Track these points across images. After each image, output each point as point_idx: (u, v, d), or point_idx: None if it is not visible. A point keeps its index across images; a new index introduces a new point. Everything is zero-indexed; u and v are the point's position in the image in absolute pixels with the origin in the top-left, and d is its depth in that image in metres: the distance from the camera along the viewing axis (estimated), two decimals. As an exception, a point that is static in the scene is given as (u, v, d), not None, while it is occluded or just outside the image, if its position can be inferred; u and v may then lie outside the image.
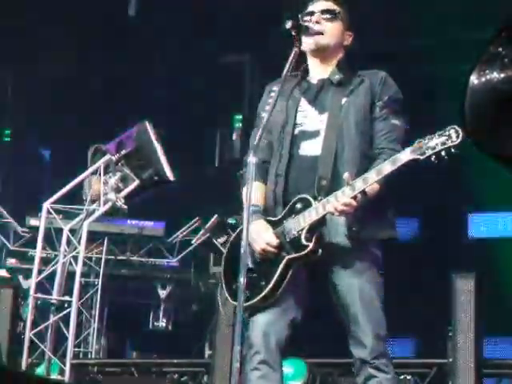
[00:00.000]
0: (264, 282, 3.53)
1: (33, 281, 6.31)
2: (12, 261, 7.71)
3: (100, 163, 6.35)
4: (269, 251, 3.55)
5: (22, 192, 8.70)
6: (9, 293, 6.42)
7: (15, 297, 6.50)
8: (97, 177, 6.40)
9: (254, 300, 3.53)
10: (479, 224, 8.75)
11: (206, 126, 9.17)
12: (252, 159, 3.29)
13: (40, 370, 6.29)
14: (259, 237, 3.56)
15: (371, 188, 3.46)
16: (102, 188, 6.21)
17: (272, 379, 3.53)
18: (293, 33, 3.53)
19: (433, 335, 6.68)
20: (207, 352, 7.08)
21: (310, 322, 3.67)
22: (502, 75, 2.82)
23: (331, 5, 3.73)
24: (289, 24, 3.51)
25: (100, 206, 6.25)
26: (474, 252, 8.08)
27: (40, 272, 6.37)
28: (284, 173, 3.64)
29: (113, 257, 7.81)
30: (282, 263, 3.52)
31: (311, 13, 3.71)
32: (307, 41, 3.66)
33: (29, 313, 6.28)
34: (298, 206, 3.55)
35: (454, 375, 5.58)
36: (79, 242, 6.20)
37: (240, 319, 3.17)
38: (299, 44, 3.55)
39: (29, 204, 7.93)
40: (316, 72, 3.77)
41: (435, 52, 7.70)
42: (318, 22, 3.66)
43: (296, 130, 3.68)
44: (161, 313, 7.93)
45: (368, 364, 3.48)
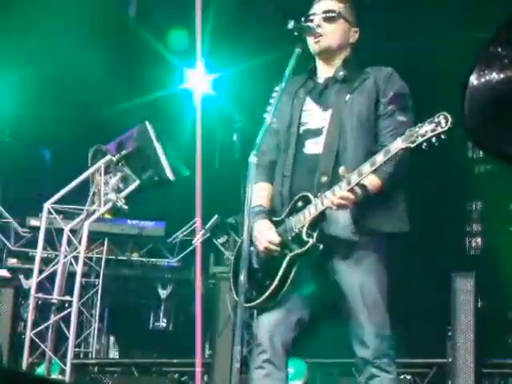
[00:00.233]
0: (269, 282, 3.55)
1: (33, 281, 6.31)
2: (13, 261, 7.70)
3: (100, 163, 6.35)
4: (271, 249, 3.56)
5: (23, 192, 8.70)
6: (9, 293, 6.44)
7: (16, 297, 6.52)
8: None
9: (259, 300, 3.55)
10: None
11: (206, 126, 9.16)
12: (253, 159, 3.30)
13: (40, 370, 6.28)
14: (261, 236, 3.58)
15: (372, 184, 3.45)
16: (103, 188, 6.22)
17: (276, 378, 3.54)
18: (295, 33, 3.53)
19: (433, 335, 6.67)
20: (207, 352, 7.09)
21: (310, 322, 3.68)
22: (502, 75, 2.82)
23: (333, 4, 3.71)
24: (291, 24, 3.51)
25: (100, 206, 6.25)
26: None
27: (41, 272, 6.36)
28: (290, 173, 3.64)
29: (113, 257, 7.81)
30: (285, 261, 3.53)
31: (313, 14, 3.70)
32: (310, 41, 3.67)
33: (29, 313, 6.28)
34: (299, 204, 3.56)
35: (454, 375, 5.60)
36: (80, 242, 6.20)
37: (240, 319, 3.18)
38: (302, 44, 3.56)
39: (29, 204, 7.94)
40: (322, 71, 3.77)
41: (435, 52, 7.69)
42: (319, 25, 3.66)
43: (301, 130, 3.68)
44: (161, 313, 7.93)
45: (370, 364, 3.49)
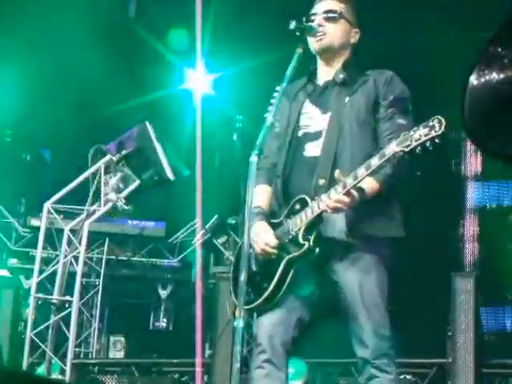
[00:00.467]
0: (266, 284, 3.55)
1: (34, 281, 6.31)
2: (13, 261, 7.72)
3: (100, 163, 6.35)
4: (268, 252, 3.56)
5: (23, 192, 8.71)
6: (10, 293, 6.45)
7: (16, 296, 6.52)
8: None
9: (257, 302, 3.56)
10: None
11: (206, 126, 9.16)
12: (254, 159, 3.31)
13: (41, 370, 6.29)
14: (259, 238, 3.58)
15: (369, 187, 3.46)
16: (103, 188, 6.22)
17: (276, 378, 3.54)
18: (296, 33, 3.53)
19: (433, 335, 6.68)
20: (207, 352, 7.09)
21: (310, 322, 3.68)
22: (502, 75, 2.83)
23: (334, 4, 3.71)
24: (292, 24, 3.51)
25: (101, 207, 6.25)
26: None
27: (41, 272, 6.37)
28: (281, 174, 3.65)
29: (113, 257, 7.82)
30: (282, 263, 3.53)
31: (314, 14, 3.70)
32: (311, 41, 3.67)
33: (30, 312, 6.28)
34: (297, 207, 3.56)
35: (454, 375, 5.60)
36: (80, 242, 6.21)
37: (240, 319, 3.18)
38: (303, 44, 3.56)
39: (30, 204, 7.95)
40: (323, 73, 3.76)
41: (435, 52, 7.69)
42: (321, 24, 3.65)
43: (300, 132, 3.68)
44: (161, 313, 7.94)
45: (370, 364, 3.49)
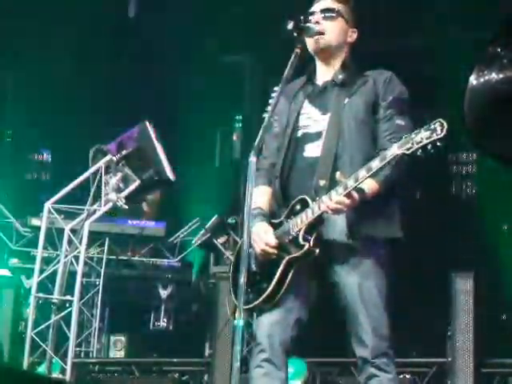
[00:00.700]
0: (266, 284, 3.55)
1: (34, 280, 6.32)
2: (14, 260, 7.72)
3: (101, 163, 6.35)
4: (268, 252, 3.57)
5: (24, 192, 8.72)
6: (10, 292, 6.46)
7: (17, 296, 6.53)
8: None
9: (257, 302, 3.56)
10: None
11: (206, 126, 9.18)
12: (253, 159, 3.31)
13: (41, 369, 6.30)
14: (259, 238, 3.58)
15: (370, 188, 3.46)
16: (103, 188, 6.23)
17: (275, 377, 3.55)
18: (294, 33, 3.53)
19: (432, 335, 6.69)
20: (207, 351, 7.10)
21: (310, 321, 3.69)
22: (501, 75, 2.84)
23: (332, 3, 3.71)
24: (290, 24, 3.51)
25: (101, 206, 6.26)
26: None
27: (41, 271, 6.37)
28: (280, 174, 3.66)
29: (114, 257, 7.82)
30: (282, 264, 3.53)
31: (312, 13, 3.70)
32: (309, 41, 3.67)
33: (30, 312, 6.29)
34: (297, 207, 3.56)
35: (454, 374, 5.61)
36: (80, 242, 6.21)
37: (240, 319, 3.19)
38: (301, 45, 3.56)
39: (30, 204, 7.96)
40: (321, 73, 3.76)
41: (435, 52, 7.70)
42: (318, 22, 3.65)
43: (299, 133, 3.68)
44: (161, 313, 7.94)
45: (369, 363, 3.49)
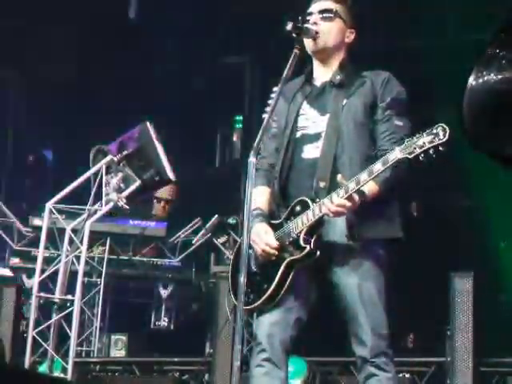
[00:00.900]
0: (266, 285, 3.57)
1: (36, 280, 6.32)
2: (15, 260, 7.73)
3: (102, 164, 6.36)
4: (268, 253, 3.58)
5: (25, 192, 8.74)
6: (12, 292, 6.46)
7: (18, 296, 6.53)
8: None
9: (257, 303, 3.57)
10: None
11: (206, 126, 9.20)
12: (252, 160, 3.32)
13: (42, 369, 6.30)
14: (259, 239, 3.60)
15: (370, 190, 3.47)
16: (104, 188, 6.23)
17: (275, 376, 3.56)
18: (293, 34, 3.54)
19: (432, 334, 6.70)
20: (208, 351, 7.11)
21: (310, 321, 3.71)
22: (500, 76, 2.86)
23: (329, 4, 3.72)
24: (289, 26, 3.52)
25: (102, 206, 6.27)
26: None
27: (43, 271, 6.37)
28: (279, 175, 3.67)
29: (115, 256, 7.84)
30: (283, 265, 3.55)
31: (310, 14, 3.72)
32: (307, 42, 3.68)
33: (31, 312, 6.29)
34: (298, 209, 3.58)
35: (453, 374, 5.61)
36: (81, 242, 6.22)
37: (240, 319, 3.21)
38: (300, 45, 3.57)
39: (32, 204, 7.97)
40: (319, 74, 3.77)
41: (435, 52, 7.71)
42: (316, 23, 3.67)
43: (298, 134, 3.70)
44: (162, 312, 7.95)
45: (369, 362, 3.51)
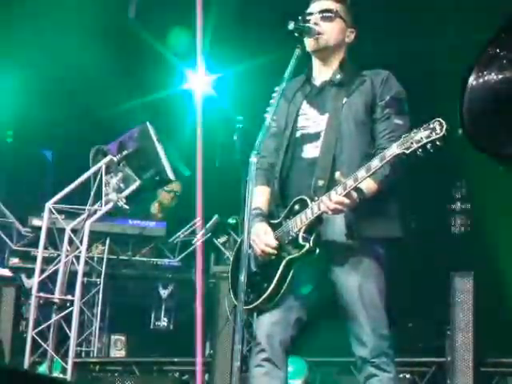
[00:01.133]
0: (266, 284, 3.58)
1: (35, 280, 6.32)
2: (15, 260, 7.72)
3: (101, 164, 6.36)
4: (268, 252, 3.58)
5: (25, 192, 8.73)
6: (11, 292, 6.46)
7: (18, 296, 6.53)
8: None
9: (257, 302, 3.58)
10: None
11: (206, 126, 9.17)
12: (253, 159, 3.33)
13: (42, 369, 6.30)
14: (259, 239, 3.60)
15: (368, 187, 3.48)
16: (104, 188, 6.23)
17: (275, 376, 3.57)
18: (295, 34, 3.55)
19: (432, 334, 6.69)
20: (208, 351, 7.11)
21: (311, 321, 3.70)
22: (500, 76, 2.85)
23: (330, 4, 3.73)
24: (291, 25, 3.53)
25: (102, 206, 6.27)
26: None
27: (42, 271, 6.37)
28: (279, 175, 3.67)
29: (115, 257, 7.83)
30: (282, 264, 3.56)
31: (310, 14, 3.73)
32: (308, 41, 3.69)
33: (31, 312, 6.29)
34: (296, 208, 3.59)
35: (453, 374, 5.61)
36: (81, 242, 6.22)
37: (240, 319, 3.20)
38: (301, 45, 3.58)
39: (31, 204, 7.96)
40: (319, 73, 3.78)
41: (435, 52, 7.70)
42: (317, 23, 3.68)
43: (298, 133, 3.70)
44: (162, 312, 7.95)
45: (369, 363, 3.52)
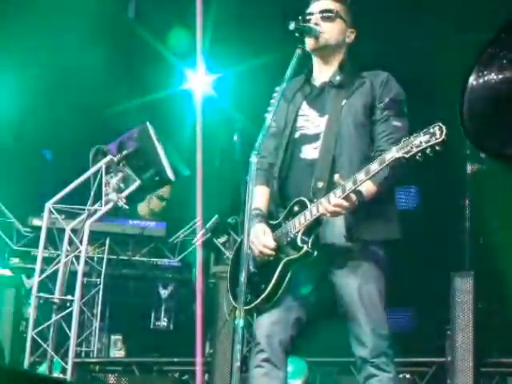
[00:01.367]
0: (264, 285, 3.58)
1: (35, 280, 6.33)
2: (15, 260, 7.73)
3: (101, 164, 6.37)
4: (266, 254, 3.59)
5: (25, 192, 8.72)
6: (11, 292, 6.48)
7: (18, 296, 6.54)
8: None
9: (255, 303, 3.58)
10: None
11: (206, 126, 9.18)
12: (253, 159, 3.33)
13: (42, 369, 6.31)
14: (257, 240, 3.60)
15: (367, 190, 3.48)
16: (104, 188, 6.24)
17: (275, 377, 3.57)
18: (296, 34, 3.55)
19: (432, 334, 6.69)
20: (208, 351, 7.11)
21: (311, 321, 3.70)
22: (501, 76, 2.85)
23: (330, 4, 3.73)
24: (292, 25, 3.53)
25: (102, 206, 6.27)
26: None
27: (42, 271, 6.38)
28: (278, 175, 3.67)
29: (114, 257, 7.84)
30: (280, 265, 3.56)
31: (310, 14, 3.73)
32: (308, 42, 3.69)
33: (31, 312, 6.30)
34: (296, 209, 3.59)
35: (453, 374, 5.61)
36: (81, 242, 6.23)
37: (240, 319, 3.20)
38: (302, 45, 3.57)
39: (31, 204, 7.97)
40: (319, 73, 3.78)
41: (435, 52, 7.70)
42: (317, 23, 3.68)
43: (297, 134, 3.70)
44: (162, 312, 7.95)
45: (368, 363, 3.52)
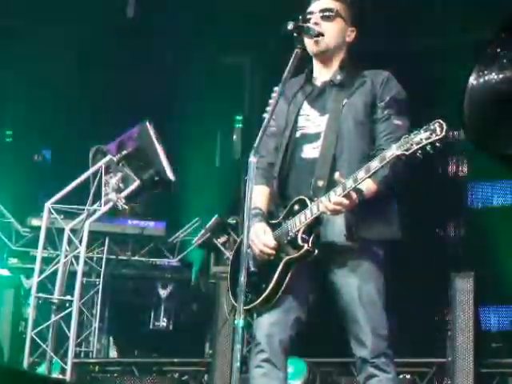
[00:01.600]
0: (264, 285, 3.57)
1: (34, 280, 6.32)
2: (14, 260, 7.73)
3: (101, 164, 6.36)
4: (266, 253, 3.57)
5: (24, 192, 8.72)
6: (10, 292, 6.48)
7: (17, 296, 6.54)
8: None
9: (256, 302, 3.57)
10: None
11: (206, 126, 9.18)
12: (253, 159, 3.31)
13: (41, 369, 6.31)
14: (257, 239, 3.59)
15: (368, 188, 3.47)
16: (103, 188, 6.24)
17: (275, 377, 3.56)
18: (294, 34, 3.53)
19: (432, 335, 6.69)
20: (207, 351, 7.11)
21: (310, 321, 3.70)
22: (501, 75, 2.85)
23: (330, 3, 3.71)
24: (290, 25, 3.51)
25: (101, 206, 6.27)
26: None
27: (41, 272, 6.38)
28: (278, 175, 3.66)
29: (114, 257, 7.83)
30: (281, 264, 3.55)
31: (311, 13, 3.71)
32: (308, 42, 3.67)
33: (30, 312, 6.29)
34: (296, 208, 3.58)
35: (453, 374, 5.61)
36: (80, 242, 6.22)
37: (240, 319, 3.19)
38: (301, 45, 3.56)
39: (30, 204, 7.96)
40: (320, 73, 3.77)
41: (435, 52, 7.70)
42: (317, 23, 3.66)
43: (298, 134, 3.69)
44: (161, 312, 7.94)
45: (369, 363, 3.51)
